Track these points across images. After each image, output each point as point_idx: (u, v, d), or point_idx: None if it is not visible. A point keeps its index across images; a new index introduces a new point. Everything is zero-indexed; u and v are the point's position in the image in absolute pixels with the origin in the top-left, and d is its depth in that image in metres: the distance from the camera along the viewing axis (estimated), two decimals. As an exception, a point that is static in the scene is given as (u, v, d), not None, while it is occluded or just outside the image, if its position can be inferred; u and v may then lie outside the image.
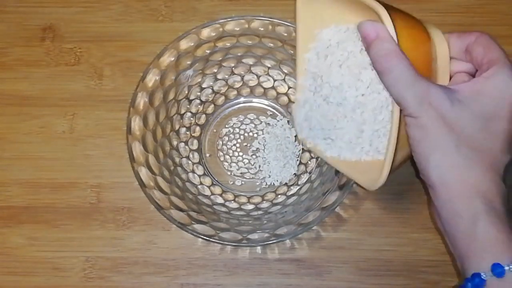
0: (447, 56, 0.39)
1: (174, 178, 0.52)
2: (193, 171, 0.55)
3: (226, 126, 0.57)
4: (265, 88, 0.57)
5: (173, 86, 0.53)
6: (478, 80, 0.37)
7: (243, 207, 0.53)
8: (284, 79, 0.56)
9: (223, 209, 0.53)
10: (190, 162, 0.55)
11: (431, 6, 0.59)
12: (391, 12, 0.36)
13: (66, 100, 0.58)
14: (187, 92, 0.55)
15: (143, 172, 0.49)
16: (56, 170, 0.56)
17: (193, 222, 0.48)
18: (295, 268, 0.52)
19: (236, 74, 0.56)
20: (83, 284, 0.52)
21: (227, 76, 0.56)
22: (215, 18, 0.52)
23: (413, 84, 0.35)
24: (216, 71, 0.55)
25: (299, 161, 0.55)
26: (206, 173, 0.55)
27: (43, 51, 0.59)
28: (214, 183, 0.55)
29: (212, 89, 0.56)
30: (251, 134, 0.57)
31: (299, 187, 0.54)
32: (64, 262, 0.53)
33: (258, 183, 0.55)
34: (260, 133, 0.56)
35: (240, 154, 0.56)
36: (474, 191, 0.36)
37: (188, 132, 0.56)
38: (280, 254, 0.53)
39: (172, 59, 0.52)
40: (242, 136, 0.56)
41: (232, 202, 0.54)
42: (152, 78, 0.51)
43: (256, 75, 0.56)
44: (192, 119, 0.56)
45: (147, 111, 0.51)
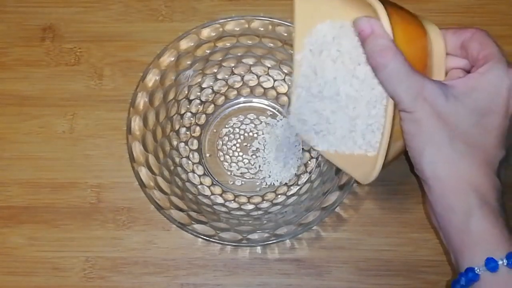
0: (443, 52, 0.39)
1: (174, 178, 0.52)
2: (193, 171, 0.55)
3: (226, 126, 0.57)
4: (265, 88, 0.57)
5: (173, 86, 0.53)
6: (473, 76, 0.37)
7: (243, 207, 0.53)
8: (284, 79, 0.56)
9: (223, 209, 0.53)
10: (190, 162, 0.55)
11: (431, 6, 0.59)
12: (387, 7, 0.36)
13: (66, 100, 0.58)
14: (187, 92, 0.55)
15: (143, 172, 0.49)
16: (56, 170, 0.56)
17: (193, 222, 0.48)
18: (295, 268, 0.52)
19: (236, 74, 0.56)
20: (83, 284, 0.52)
21: (227, 76, 0.56)
22: (215, 18, 0.52)
23: (408, 79, 0.35)
24: (216, 71, 0.55)
25: (299, 161, 0.55)
26: (206, 173, 0.55)
27: (43, 51, 0.59)
28: (214, 183, 0.55)
29: (212, 89, 0.56)
30: (251, 134, 0.57)
31: (299, 187, 0.54)
32: (64, 262, 0.53)
33: (258, 183, 0.55)
34: (260, 133, 0.56)
35: (240, 154, 0.56)
36: (468, 186, 0.36)
37: (188, 132, 0.56)
38: (280, 254, 0.52)
39: (172, 59, 0.52)
40: (242, 136, 0.56)
41: (232, 202, 0.54)
42: (152, 78, 0.51)
43: (256, 75, 0.56)
44: (192, 119, 0.56)
45: (147, 111, 0.51)
